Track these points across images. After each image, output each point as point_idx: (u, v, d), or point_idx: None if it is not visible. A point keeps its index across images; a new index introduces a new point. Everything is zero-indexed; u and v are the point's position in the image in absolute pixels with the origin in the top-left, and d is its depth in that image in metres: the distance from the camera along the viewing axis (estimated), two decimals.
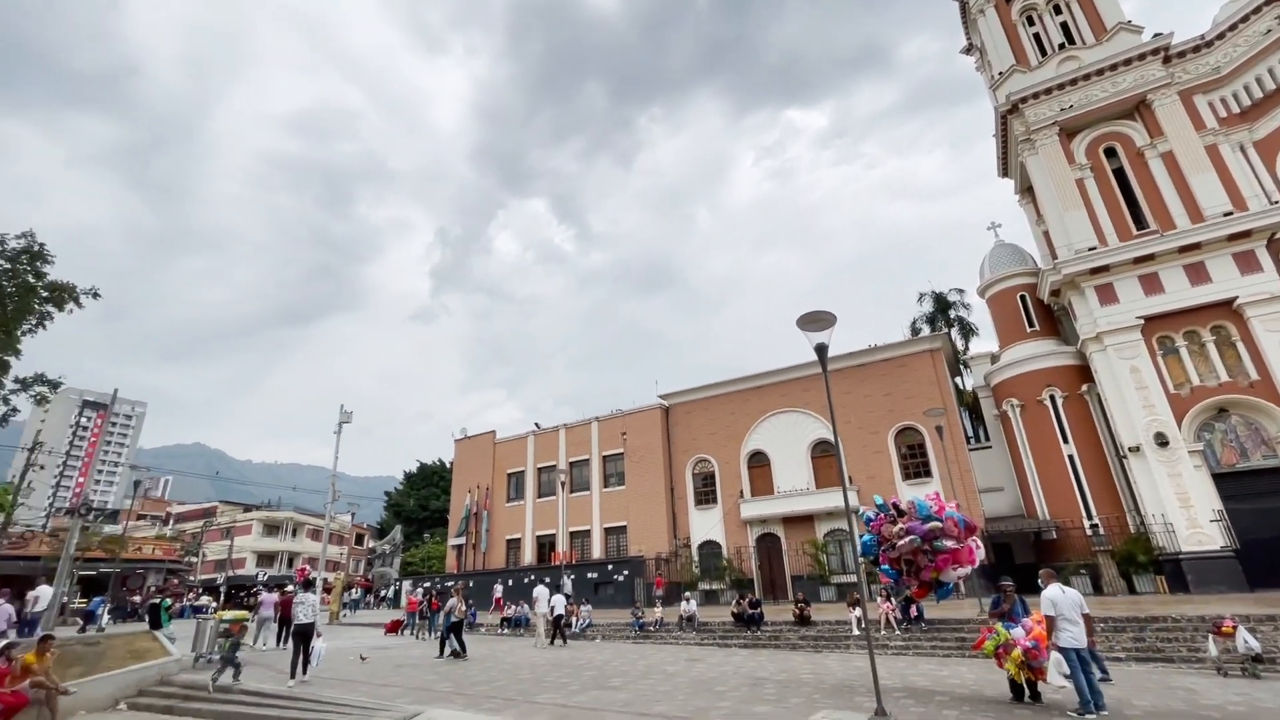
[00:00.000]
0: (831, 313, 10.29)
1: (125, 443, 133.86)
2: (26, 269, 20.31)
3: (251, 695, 10.76)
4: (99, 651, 12.60)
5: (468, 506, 38.27)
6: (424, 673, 13.44)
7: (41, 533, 42.21)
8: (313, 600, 12.53)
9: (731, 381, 32.27)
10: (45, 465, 47.48)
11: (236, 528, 62.61)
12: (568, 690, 11.24)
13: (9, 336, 20.26)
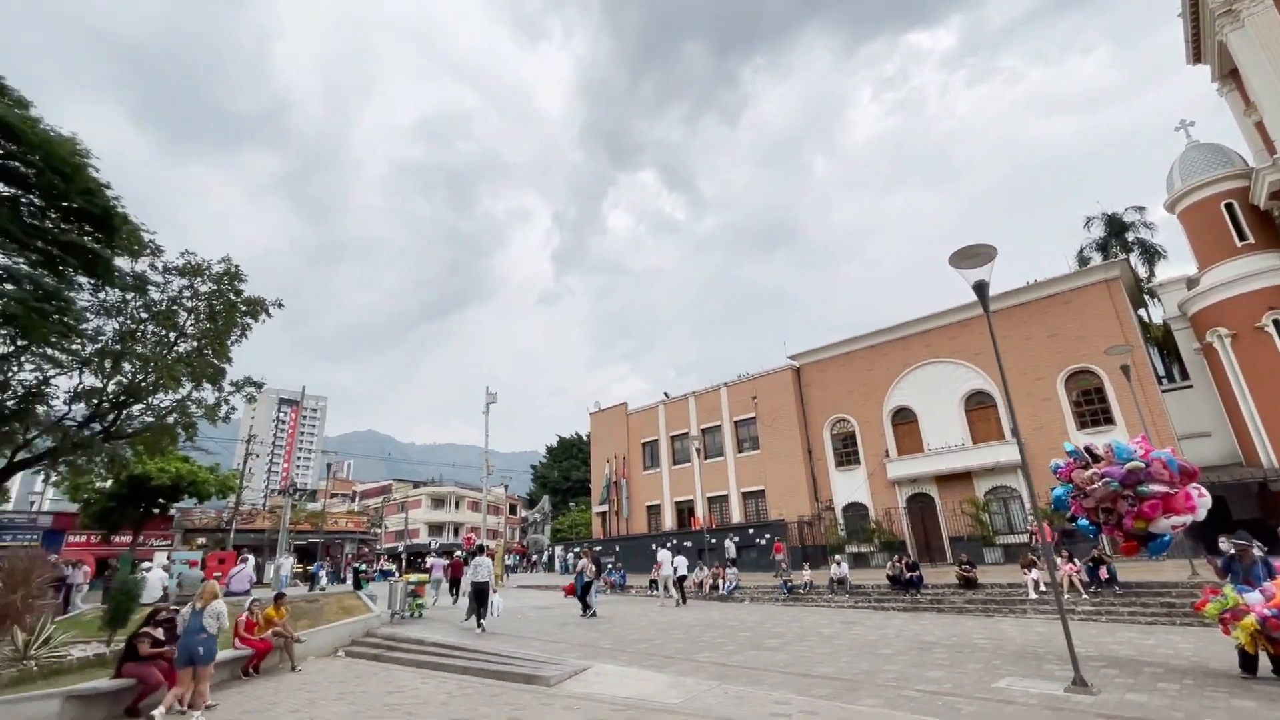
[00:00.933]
0: (991, 245, 9.17)
1: (314, 432, 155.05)
2: (229, 288, 23.70)
3: (441, 646, 12.02)
4: (318, 608, 14.73)
5: (607, 476, 39.89)
6: (585, 631, 14.24)
7: (263, 510, 50.22)
8: (487, 563, 14.56)
9: (868, 335, 30.39)
10: (259, 454, 56.21)
11: (409, 502, 70.46)
12: (724, 650, 11.35)
13: (222, 347, 23.86)
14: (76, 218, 18.16)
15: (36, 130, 16.32)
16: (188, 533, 40.93)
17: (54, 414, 22.45)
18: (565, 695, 8.52)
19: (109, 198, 18.28)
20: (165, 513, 40.04)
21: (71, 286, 19.78)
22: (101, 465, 27.02)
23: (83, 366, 21.60)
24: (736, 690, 8.28)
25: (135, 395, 22.51)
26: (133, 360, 21.79)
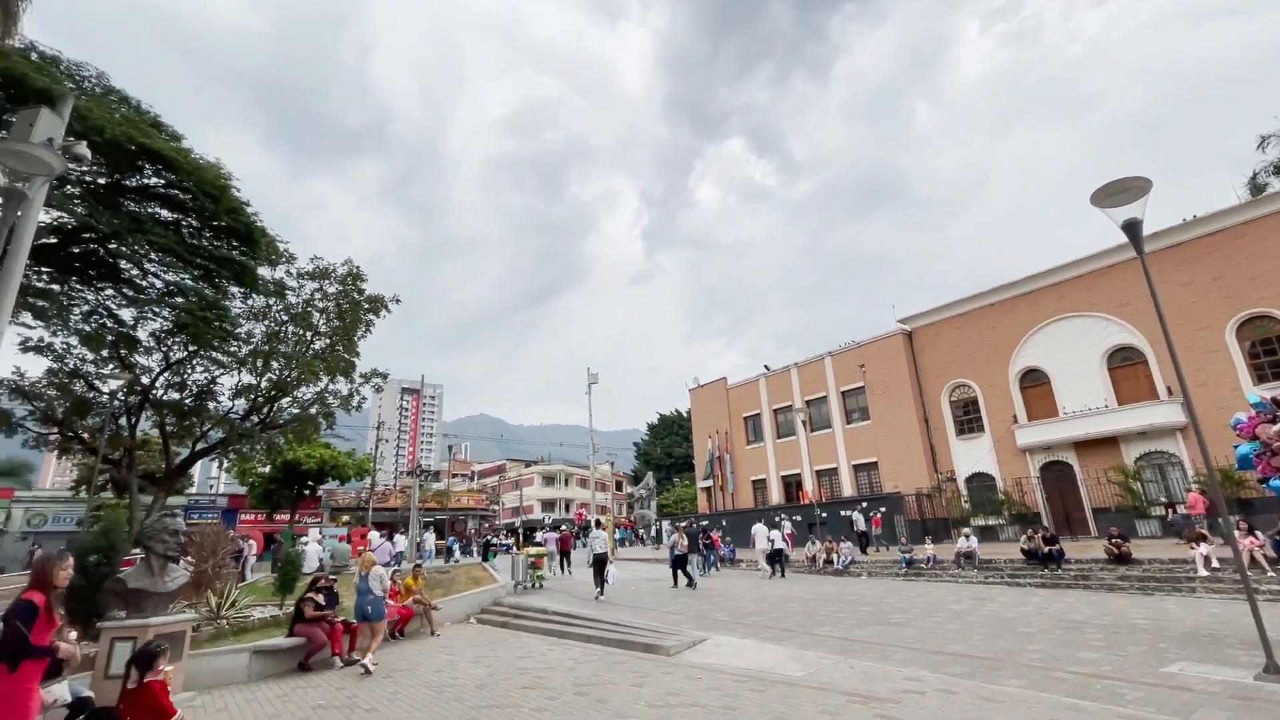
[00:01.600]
0: (1143, 178, 8.03)
1: (434, 418, 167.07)
2: (352, 288, 25.81)
3: (563, 615, 12.57)
4: (450, 579, 15.90)
5: (710, 451, 39.85)
6: (699, 603, 14.36)
7: (394, 490, 54.86)
8: (603, 536, 16.02)
9: (989, 293, 27.94)
10: (387, 439, 61.32)
11: (522, 480, 74.35)
12: (845, 625, 11.01)
13: (350, 342, 26.13)
14: (225, 234, 20.43)
15: (189, 159, 18.42)
16: (334, 511, 45.64)
17: (221, 409, 25.66)
18: (685, 665, 8.62)
19: (249, 214, 20.40)
20: (314, 494, 44.89)
21: (226, 295, 22.39)
22: (261, 452, 30.68)
23: (240, 366, 24.49)
24: (862, 665, 7.99)
25: (283, 390, 25.26)
26: (279, 358, 24.40)
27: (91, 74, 17.00)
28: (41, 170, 7.36)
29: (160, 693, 4.07)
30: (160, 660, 4.24)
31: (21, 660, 3.89)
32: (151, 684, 4.09)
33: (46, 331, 21.06)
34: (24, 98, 14.22)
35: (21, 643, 3.88)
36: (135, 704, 4.03)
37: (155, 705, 4.00)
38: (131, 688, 4.09)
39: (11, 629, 3.91)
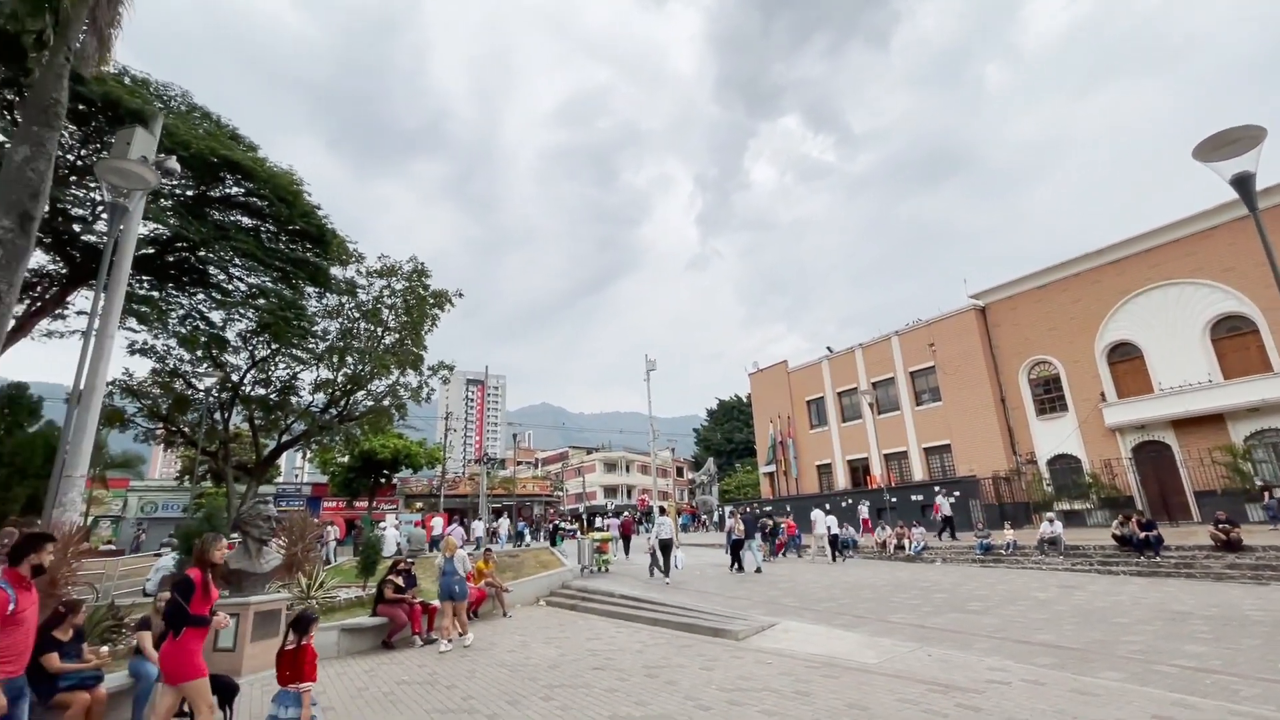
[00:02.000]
0: (1256, 126, 7.22)
1: (498, 407, 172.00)
2: (418, 284, 26.76)
3: (629, 599, 12.71)
4: (519, 562, 16.36)
5: (772, 436, 39.28)
6: (766, 588, 14.21)
7: (463, 478, 56.89)
8: (668, 521, 16.22)
9: (1071, 263, 26.10)
10: (455, 429, 63.55)
11: (584, 467, 75.62)
12: (920, 612, 10.64)
13: (418, 336, 27.15)
14: (299, 237, 21.53)
15: (265, 168, 19.47)
16: (408, 498, 47.82)
17: (303, 403, 27.23)
18: (754, 649, 8.54)
19: (321, 217, 21.41)
20: (389, 482, 47.17)
21: (302, 295, 23.65)
22: (340, 443, 32.39)
23: (318, 362, 25.88)
24: (940, 653, 7.70)
25: (358, 383, 26.53)
26: (353, 354, 25.61)
27: (176, 93, 18.17)
28: (139, 185, 7.93)
29: (312, 655, 4.62)
30: (314, 626, 4.80)
31: (184, 627, 4.51)
32: (308, 646, 4.63)
33: (149, 335, 22.89)
34: (120, 118, 15.37)
35: (182, 612, 4.49)
36: (292, 661, 4.57)
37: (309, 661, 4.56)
38: (290, 648, 4.62)
39: (174, 601, 4.55)
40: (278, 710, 4.44)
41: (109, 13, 10.47)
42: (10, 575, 4.10)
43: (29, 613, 4.15)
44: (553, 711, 6.14)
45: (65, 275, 18.62)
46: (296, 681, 4.48)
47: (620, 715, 5.91)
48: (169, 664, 4.57)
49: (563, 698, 6.62)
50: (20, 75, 14.17)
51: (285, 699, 4.45)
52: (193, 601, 4.57)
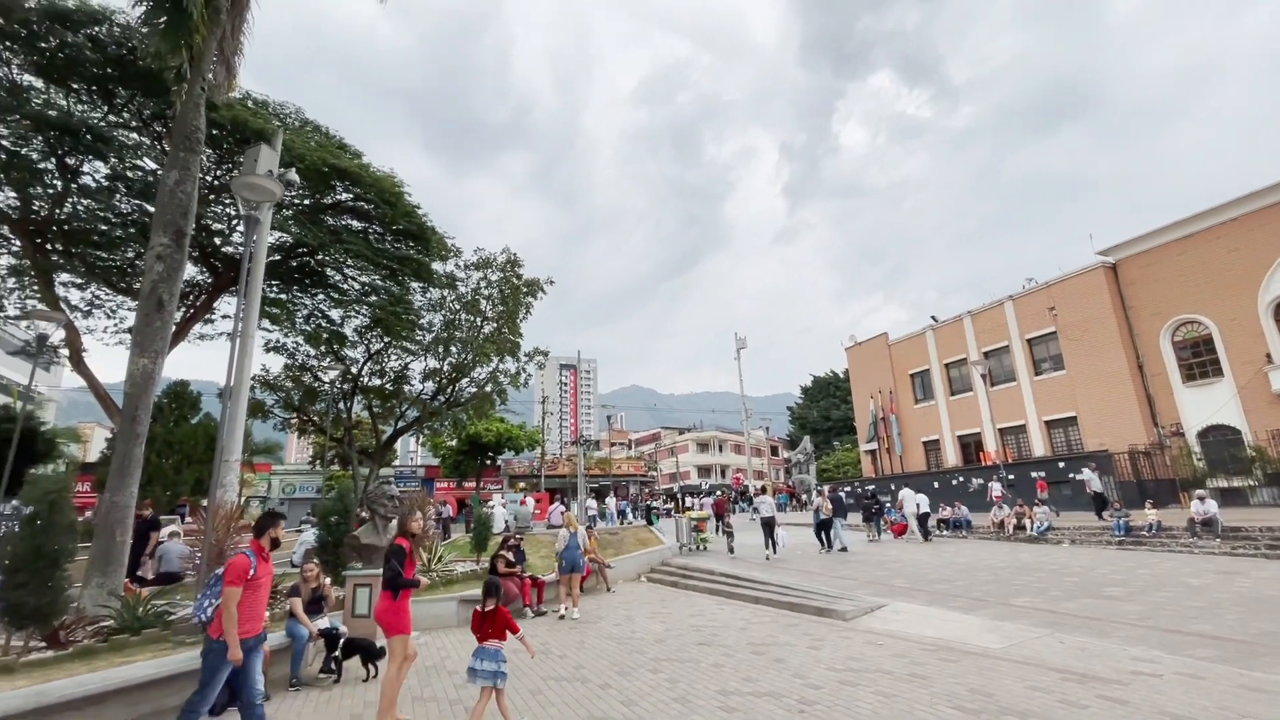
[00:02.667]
0: None
1: (590, 390, 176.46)
2: (512, 274, 27.76)
3: (730, 577, 12.71)
4: (619, 540, 16.77)
5: (872, 412, 37.64)
6: (873, 569, 13.72)
7: (561, 459, 58.98)
8: (769, 500, 16.63)
9: (1226, 206, 22.81)
10: (551, 412, 65.86)
11: (677, 447, 76.14)
12: (1049, 596, 9.86)
13: (514, 325, 28.23)
14: (402, 236, 22.91)
15: (369, 173, 20.80)
16: (511, 479, 50.29)
17: (414, 391, 29.17)
18: (863, 630, 8.28)
19: (421, 216, 22.65)
20: (494, 463, 49.78)
21: (408, 291, 25.23)
22: (448, 428, 34.47)
23: (425, 352, 27.56)
24: (1075, 641, 7.10)
25: (462, 371, 28.03)
26: (456, 344, 27.06)
27: (290, 110, 19.75)
28: (268, 197, 8.71)
29: (505, 616, 5.21)
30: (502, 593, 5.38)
31: (400, 589, 5.31)
32: (500, 609, 5.22)
33: (280, 333, 25.34)
34: (246, 139, 16.94)
35: (398, 576, 5.29)
36: (490, 622, 5.16)
37: (505, 624, 5.16)
38: (489, 609, 5.20)
39: (390, 566, 5.32)
40: (476, 663, 5.00)
41: (233, 42, 11.51)
42: (254, 546, 4.83)
43: (265, 580, 4.85)
44: (661, 683, 6.26)
45: (211, 284, 20.92)
46: (494, 639, 5.07)
47: (729, 690, 5.93)
48: (386, 619, 5.30)
49: (670, 670, 6.73)
50: (165, 108, 15.95)
51: (483, 654, 5.02)
52: (405, 566, 5.34)
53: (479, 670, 4.97)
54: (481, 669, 4.96)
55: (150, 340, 9.62)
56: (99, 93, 16.54)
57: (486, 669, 4.95)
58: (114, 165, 17.56)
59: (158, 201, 10.51)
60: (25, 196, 17.04)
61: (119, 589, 8.64)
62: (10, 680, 5.57)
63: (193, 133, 10.47)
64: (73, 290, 20.10)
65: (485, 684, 4.93)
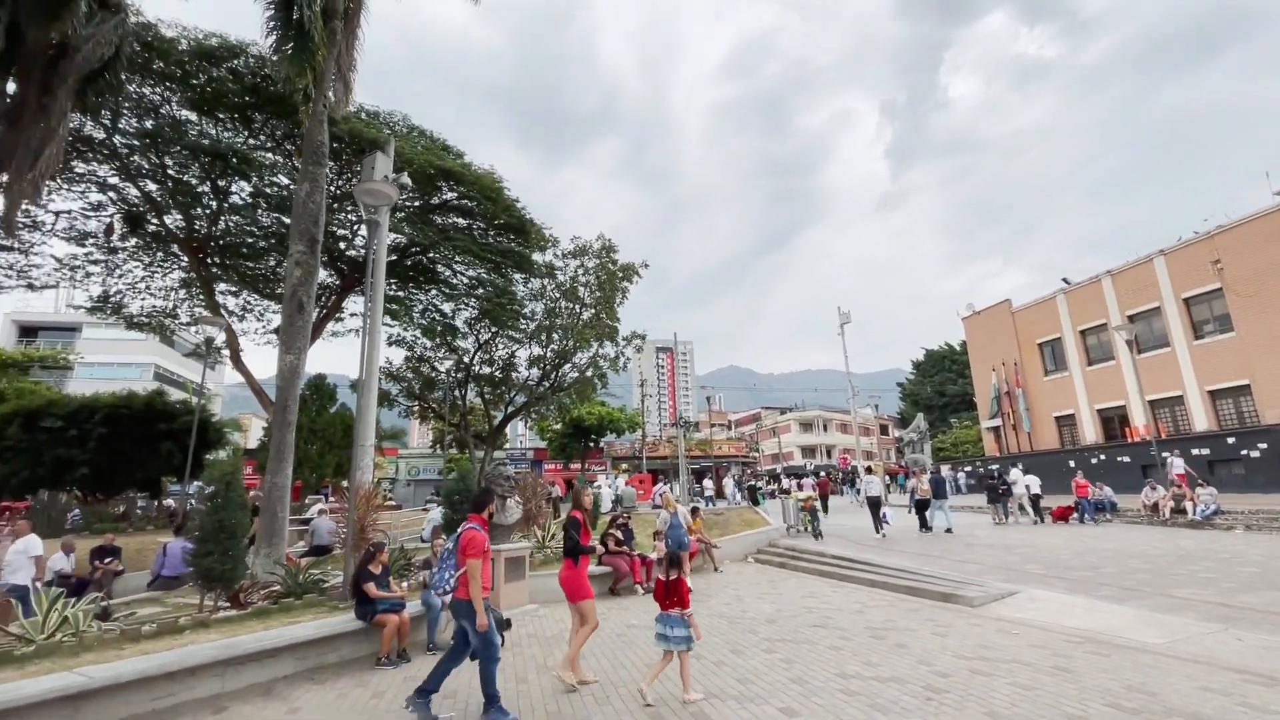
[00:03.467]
0: None
1: (687, 372, 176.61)
2: (607, 260, 28.21)
3: (842, 559, 12.31)
4: (724, 520, 16.74)
5: (995, 386, 34.82)
6: (999, 553, 12.77)
7: (661, 441, 59.62)
8: (876, 480, 16.71)
9: None
10: (650, 395, 66.65)
11: (779, 427, 74.61)
12: (1220, 588, 8.71)
13: (611, 310, 28.75)
14: (503, 230, 23.88)
15: (471, 171, 21.79)
16: (614, 460, 51.55)
17: (521, 378, 30.54)
18: (994, 618, 7.73)
19: (520, 210, 23.50)
20: (597, 445, 51.23)
21: (511, 282, 26.35)
22: (553, 412, 35.84)
23: (530, 340, 28.75)
24: (1256, 638, 6.23)
25: (564, 357, 28.98)
26: (558, 331, 28.00)
27: (399, 118, 21.06)
28: (386, 201, 9.37)
29: (686, 587, 5.41)
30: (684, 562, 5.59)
31: (580, 555, 5.82)
32: (681, 579, 5.41)
33: (400, 328, 27.38)
34: (361, 149, 18.30)
35: (578, 544, 5.83)
36: (671, 591, 5.35)
37: (682, 595, 5.30)
38: (673, 579, 5.39)
39: (569, 537, 5.85)
40: (663, 628, 5.25)
41: (348, 58, 12.40)
42: (478, 519, 5.19)
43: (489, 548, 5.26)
44: (776, 663, 6.19)
45: (339, 285, 22.95)
46: (678, 607, 5.23)
47: (848, 673, 5.76)
48: (569, 587, 5.71)
49: (785, 651, 6.64)
50: (294, 128, 17.56)
51: (669, 620, 5.24)
52: (582, 535, 5.87)
53: (670, 636, 5.17)
54: (673, 635, 5.16)
55: (294, 338, 10.71)
56: (240, 119, 18.49)
57: (678, 635, 5.15)
58: (255, 184, 19.64)
59: (293, 213, 11.63)
60: (188, 218, 19.49)
61: (282, 559, 9.78)
62: (206, 634, 6.49)
63: (319, 147, 11.44)
64: (229, 298, 22.82)
65: (678, 649, 5.14)
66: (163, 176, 18.36)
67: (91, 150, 17.32)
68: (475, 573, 4.78)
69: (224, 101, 17.70)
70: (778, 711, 4.86)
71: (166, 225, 19.49)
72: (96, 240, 19.38)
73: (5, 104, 12.12)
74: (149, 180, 18.55)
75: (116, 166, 18.04)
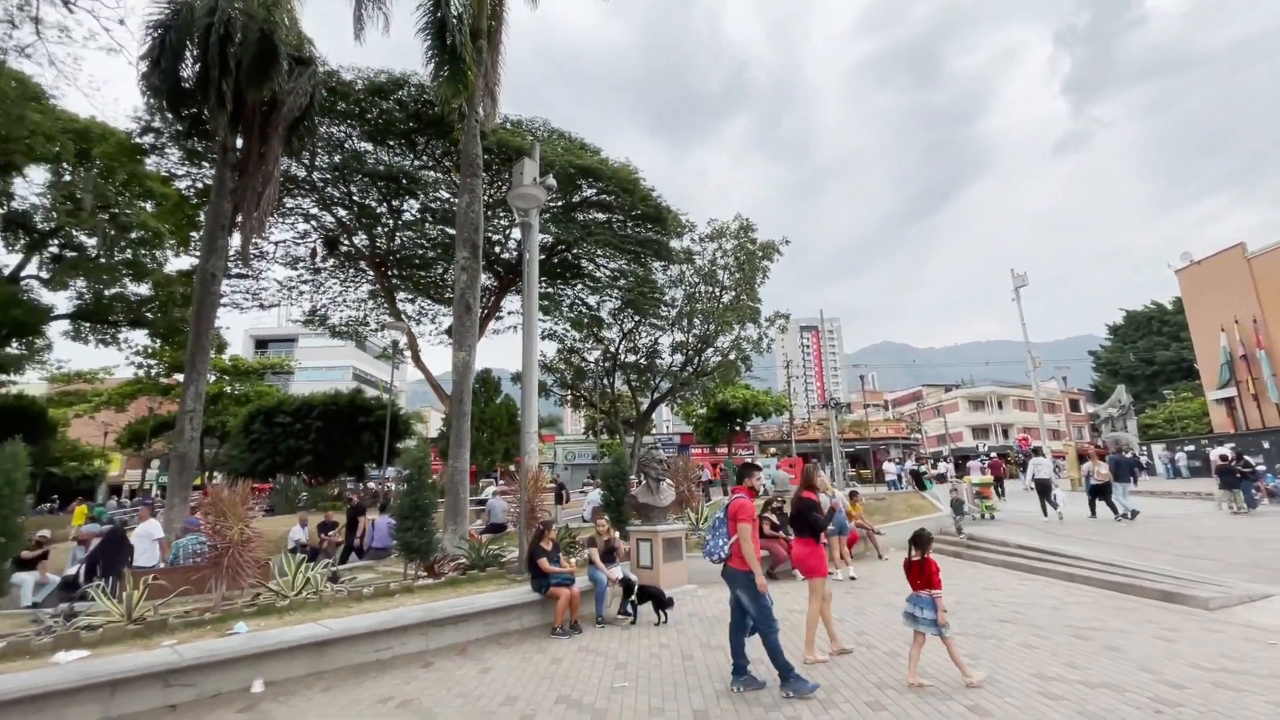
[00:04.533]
0: None
1: (835, 351, 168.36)
2: (745, 239, 27.68)
3: (1029, 549, 11.04)
4: (887, 506, 15.75)
5: (1225, 349, 29.01)
6: (1240, 547, 10.65)
7: (810, 423, 57.59)
8: (1045, 462, 15.67)
9: None
10: (796, 376, 64.61)
11: (944, 406, 68.55)
12: None
13: (752, 291, 28.18)
14: (641, 220, 24.36)
15: (608, 166, 22.46)
16: (761, 444, 50.74)
17: (665, 364, 31.09)
18: (1239, 624, 6.47)
19: (655, 199, 23.81)
20: (743, 429, 50.73)
21: (651, 271, 26.84)
22: (698, 396, 36.08)
23: (671, 327, 29.12)
24: None
25: (706, 342, 28.99)
26: (698, 315, 28.06)
27: (539, 124, 22.24)
28: (536, 204, 9.97)
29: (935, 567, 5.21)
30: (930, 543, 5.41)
31: (818, 532, 5.89)
32: (929, 559, 5.25)
33: (551, 322, 29.09)
34: (508, 157, 19.60)
35: (816, 523, 5.88)
36: (920, 572, 5.24)
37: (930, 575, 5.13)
38: (916, 559, 5.29)
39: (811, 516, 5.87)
40: (913, 609, 5.18)
41: (493, 74, 13.32)
42: (745, 491, 5.48)
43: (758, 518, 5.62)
44: (948, 659, 5.71)
45: (496, 286, 24.91)
46: (927, 589, 5.11)
47: (1048, 674, 5.15)
48: (809, 563, 5.83)
49: (967, 646, 6.09)
50: (451, 146, 19.29)
51: (918, 601, 5.15)
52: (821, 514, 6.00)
53: (919, 618, 5.06)
54: (921, 617, 5.04)
55: (464, 337, 11.80)
56: (406, 144, 20.69)
57: (926, 617, 5.01)
58: (422, 200, 21.94)
59: (456, 224, 12.80)
60: (371, 237, 22.28)
61: (465, 535, 10.90)
62: (410, 598, 7.43)
63: (474, 159, 12.44)
64: (408, 304, 25.75)
65: (927, 631, 5.01)
66: (350, 203, 21.18)
67: (296, 186, 20.41)
68: (747, 535, 4.98)
69: (392, 129, 19.91)
70: (966, 709, 4.48)
71: (355, 245, 22.45)
72: (305, 263, 22.89)
73: (236, 157, 14.68)
74: (340, 207, 21.49)
75: (316, 198, 21.12)
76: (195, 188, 20.46)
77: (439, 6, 11.79)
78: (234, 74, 12.86)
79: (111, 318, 23.91)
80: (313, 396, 26.37)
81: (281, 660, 5.51)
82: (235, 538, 7.18)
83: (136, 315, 24.01)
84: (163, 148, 19.46)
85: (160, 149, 19.53)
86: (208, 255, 14.07)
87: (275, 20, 13.14)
